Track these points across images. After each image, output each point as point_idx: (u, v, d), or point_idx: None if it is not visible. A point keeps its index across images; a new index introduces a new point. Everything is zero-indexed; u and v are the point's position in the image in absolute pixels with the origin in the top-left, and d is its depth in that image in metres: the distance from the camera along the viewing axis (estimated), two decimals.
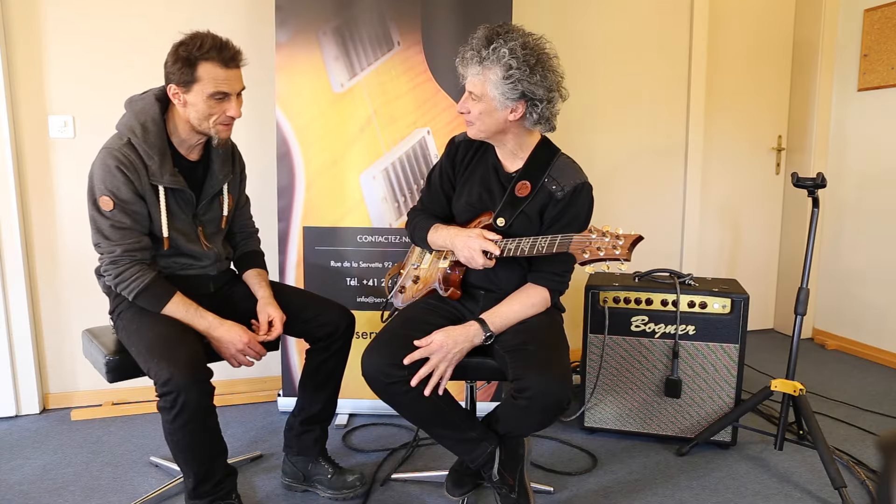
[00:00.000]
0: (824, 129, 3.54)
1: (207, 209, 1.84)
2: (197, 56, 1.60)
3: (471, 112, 1.68)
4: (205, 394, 1.57)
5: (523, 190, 1.74)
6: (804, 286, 2.13)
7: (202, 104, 1.65)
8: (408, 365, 1.63)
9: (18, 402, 2.60)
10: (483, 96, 1.64)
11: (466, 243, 1.68)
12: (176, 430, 1.57)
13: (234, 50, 1.66)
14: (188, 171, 1.76)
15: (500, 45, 1.59)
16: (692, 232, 3.45)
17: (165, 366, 1.53)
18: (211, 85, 1.63)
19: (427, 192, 1.94)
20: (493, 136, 1.73)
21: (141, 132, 1.65)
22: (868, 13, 3.29)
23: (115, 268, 1.65)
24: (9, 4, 2.45)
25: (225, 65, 1.64)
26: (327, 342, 1.92)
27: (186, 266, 1.82)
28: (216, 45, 1.62)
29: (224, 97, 1.66)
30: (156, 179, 1.67)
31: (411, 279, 1.96)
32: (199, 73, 1.62)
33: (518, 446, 1.79)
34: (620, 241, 1.50)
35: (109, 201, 1.63)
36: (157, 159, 1.66)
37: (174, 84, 1.64)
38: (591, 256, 1.51)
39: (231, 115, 1.69)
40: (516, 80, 1.59)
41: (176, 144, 1.74)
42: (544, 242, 1.60)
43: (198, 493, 1.67)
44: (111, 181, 1.62)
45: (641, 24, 3.23)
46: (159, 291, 1.67)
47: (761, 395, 2.24)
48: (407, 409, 1.71)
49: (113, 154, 1.63)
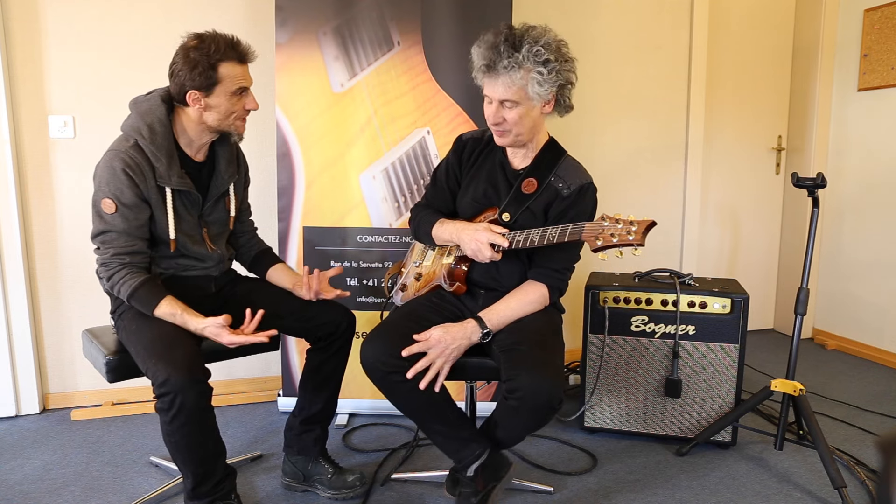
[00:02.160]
0: (824, 129, 3.54)
1: (213, 210, 1.84)
2: (217, 59, 1.63)
3: (506, 120, 1.68)
4: (202, 395, 1.56)
5: (530, 187, 1.75)
6: (804, 286, 2.13)
7: (225, 103, 1.68)
8: (406, 357, 1.63)
9: (18, 402, 2.60)
10: (521, 100, 1.65)
11: (474, 236, 1.69)
12: (174, 430, 1.56)
13: (245, 45, 1.70)
14: (194, 172, 1.76)
15: (531, 44, 1.61)
16: (692, 232, 3.45)
17: (163, 367, 1.53)
18: (232, 83, 1.66)
19: (432, 187, 1.94)
20: (531, 137, 1.75)
21: (148, 133, 1.64)
22: (868, 13, 3.29)
23: (106, 270, 1.66)
24: (9, 4, 2.45)
25: (241, 61, 1.68)
26: (328, 342, 1.92)
27: (189, 267, 1.82)
28: (230, 43, 1.65)
29: (244, 92, 1.70)
30: (163, 181, 1.66)
31: (413, 277, 1.96)
32: (221, 73, 1.64)
33: (502, 466, 1.77)
34: (634, 227, 1.51)
35: (112, 204, 1.62)
36: (164, 161, 1.65)
37: (194, 90, 1.64)
38: (604, 243, 1.52)
39: (250, 108, 1.73)
40: (556, 71, 1.63)
41: (183, 146, 1.74)
42: (555, 232, 1.61)
43: (197, 494, 1.67)
44: (115, 184, 1.62)
45: (641, 24, 3.23)
46: (149, 295, 1.65)
47: (761, 395, 2.24)
48: (404, 399, 1.71)
49: (119, 156, 1.62)
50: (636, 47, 3.24)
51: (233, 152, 1.87)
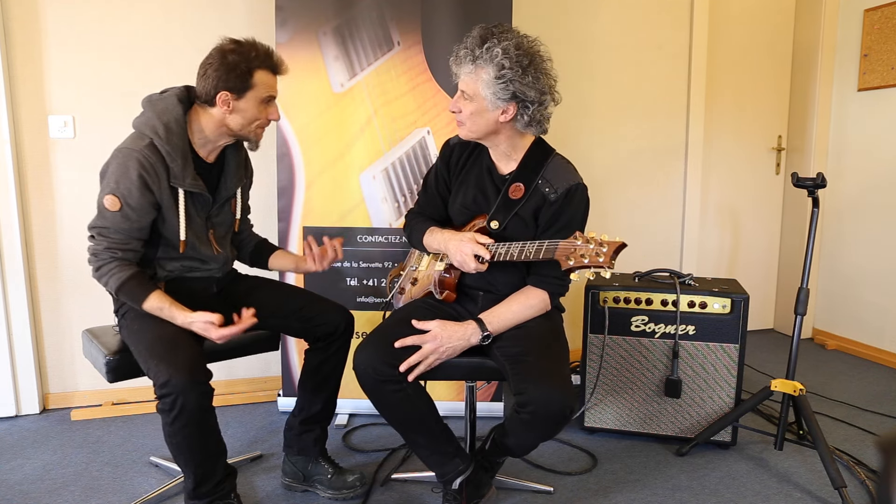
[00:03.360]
0: (824, 129, 3.54)
1: (220, 212, 1.85)
2: (255, 64, 1.67)
3: (462, 111, 1.67)
4: (204, 395, 1.56)
5: (517, 192, 1.72)
6: (804, 286, 2.13)
7: (253, 109, 1.71)
8: (399, 365, 1.64)
9: (18, 402, 2.60)
10: (475, 96, 1.63)
11: (459, 247, 1.68)
12: (175, 431, 1.57)
13: (279, 57, 1.75)
14: (204, 174, 1.76)
15: (493, 44, 1.58)
16: (692, 232, 3.45)
17: (164, 368, 1.53)
18: (265, 90, 1.71)
19: (423, 194, 1.94)
20: (484, 137, 1.72)
21: (164, 133, 1.63)
22: (868, 13, 3.29)
23: (96, 260, 1.67)
24: (9, 4, 2.45)
25: (275, 72, 1.73)
26: (326, 342, 1.92)
27: (193, 269, 1.82)
28: (267, 53, 1.71)
29: (270, 101, 1.75)
30: (177, 182, 1.66)
31: (410, 281, 1.96)
32: (255, 80, 1.68)
33: (484, 485, 1.81)
34: (604, 248, 1.47)
35: (117, 202, 1.61)
36: (179, 162, 1.65)
37: (227, 91, 1.66)
38: (575, 263, 1.50)
39: (273, 118, 1.77)
40: (508, 80, 1.59)
41: (197, 147, 1.74)
42: (531, 248, 1.60)
43: (197, 494, 1.67)
44: (125, 184, 1.61)
45: (641, 24, 3.23)
46: (138, 288, 1.65)
47: (761, 395, 2.24)
48: (392, 409, 1.70)
49: (134, 156, 1.60)
50: (636, 47, 3.24)
51: (241, 157, 1.88)
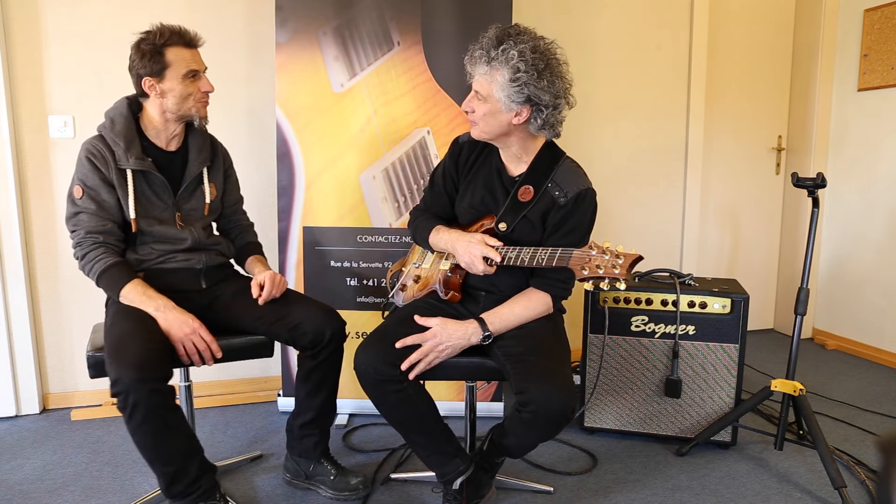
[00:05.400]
0: (824, 129, 3.54)
1: (189, 198, 1.89)
2: (161, 44, 1.74)
3: (475, 112, 1.67)
4: (157, 393, 1.54)
5: (526, 195, 1.72)
6: (804, 286, 2.13)
7: (179, 86, 1.77)
8: (399, 364, 1.64)
9: (18, 402, 2.60)
10: (489, 97, 1.62)
11: (468, 249, 1.68)
12: (134, 429, 1.56)
13: (192, 32, 1.80)
14: (166, 160, 1.84)
15: (509, 46, 1.57)
16: (692, 232, 3.45)
17: (114, 367, 1.53)
18: (182, 66, 1.76)
19: (430, 191, 1.93)
20: (496, 138, 1.72)
21: (109, 125, 1.78)
22: (868, 13, 3.29)
23: (81, 249, 1.74)
24: (9, 4, 2.45)
25: (188, 45, 1.78)
26: (314, 351, 1.85)
27: (168, 255, 1.83)
28: (175, 30, 1.77)
29: (195, 75, 1.80)
30: (122, 163, 1.75)
31: (412, 278, 1.96)
32: (168, 58, 1.75)
33: (483, 485, 1.81)
34: (620, 261, 1.47)
35: (80, 189, 1.75)
36: (122, 145, 1.75)
37: (147, 77, 1.75)
38: (590, 273, 1.49)
39: (205, 90, 1.82)
40: (523, 83, 1.57)
41: (152, 137, 1.83)
42: (544, 255, 1.59)
43: (171, 493, 1.66)
44: (81, 170, 1.75)
45: (641, 24, 3.23)
46: (118, 275, 1.71)
47: (761, 395, 2.24)
48: (392, 409, 1.70)
49: (85, 147, 1.77)
50: (636, 47, 3.24)
51: (205, 140, 1.93)
